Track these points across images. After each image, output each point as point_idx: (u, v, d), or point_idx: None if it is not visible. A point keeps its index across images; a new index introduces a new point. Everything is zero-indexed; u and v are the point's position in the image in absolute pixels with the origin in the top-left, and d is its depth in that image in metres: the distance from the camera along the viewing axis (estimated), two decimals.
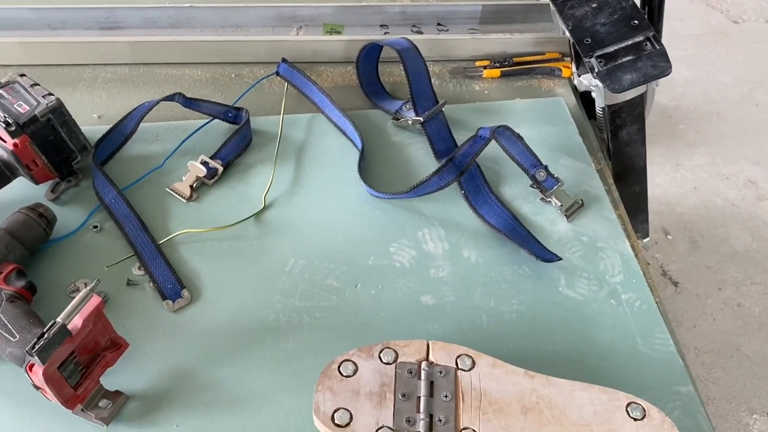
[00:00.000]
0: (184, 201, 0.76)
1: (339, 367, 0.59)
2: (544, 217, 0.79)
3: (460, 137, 0.84)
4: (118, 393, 0.60)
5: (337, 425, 0.55)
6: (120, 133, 0.81)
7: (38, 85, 0.74)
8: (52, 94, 0.73)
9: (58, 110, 0.72)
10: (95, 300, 0.56)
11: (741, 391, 1.38)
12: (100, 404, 0.59)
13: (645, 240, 1.10)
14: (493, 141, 0.78)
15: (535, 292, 0.72)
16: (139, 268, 0.70)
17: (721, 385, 1.38)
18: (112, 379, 0.61)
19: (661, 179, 1.81)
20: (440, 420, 0.56)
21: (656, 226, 1.67)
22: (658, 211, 1.70)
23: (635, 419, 0.57)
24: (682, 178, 1.81)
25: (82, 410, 0.58)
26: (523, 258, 0.74)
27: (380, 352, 0.60)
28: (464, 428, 0.56)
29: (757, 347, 1.46)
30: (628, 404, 0.58)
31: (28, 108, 0.71)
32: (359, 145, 0.82)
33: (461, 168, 0.77)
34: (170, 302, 0.67)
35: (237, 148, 0.81)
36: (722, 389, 1.38)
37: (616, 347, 0.67)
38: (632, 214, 0.97)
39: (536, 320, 0.69)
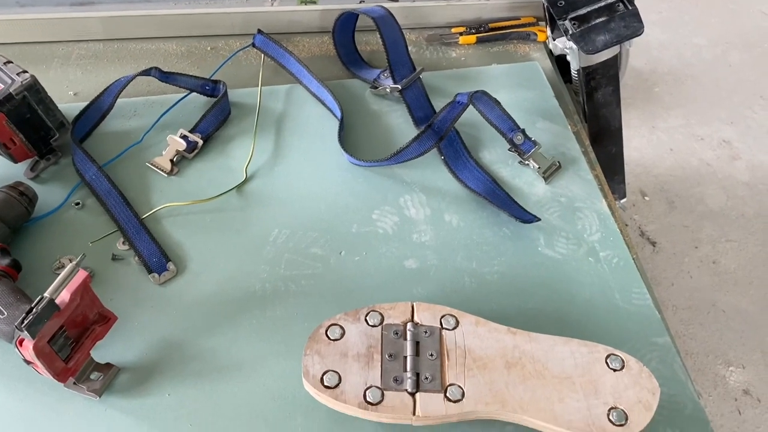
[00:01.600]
0: (165, 175, 0.77)
1: (326, 331, 0.60)
2: (523, 180, 0.80)
3: (438, 104, 0.85)
4: (108, 365, 0.61)
5: (327, 387, 0.56)
6: (97, 110, 0.80)
7: (12, 62, 0.73)
8: (27, 72, 0.72)
9: (34, 87, 0.72)
10: (82, 274, 0.56)
11: (717, 345, 1.42)
12: (92, 377, 0.59)
13: (622, 201, 1.12)
14: (471, 106, 0.79)
15: (516, 252, 0.73)
16: (123, 243, 0.70)
17: (699, 340, 1.42)
18: (102, 352, 0.62)
19: (638, 142, 1.83)
20: (427, 378, 0.58)
21: (633, 188, 1.69)
22: (635, 173, 1.73)
23: (614, 370, 0.59)
24: (658, 140, 1.84)
25: (74, 383, 0.59)
26: (503, 220, 0.76)
27: (366, 316, 0.62)
28: (450, 384, 0.57)
29: (733, 302, 1.50)
30: (608, 356, 0.60)
31: (2, 86, 0.70)
32: (338, 114, 0.83)
33: (440, 134, 0.77)
34: (156, 275, 0.68)
35: (216, 121, 0.81)
36: (699, 344, 1.42)
37: (595, 303, 0.69)
38: (609, 175, 0.98)
39: (517, 280, 0.71)
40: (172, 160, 0.77)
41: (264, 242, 0.72)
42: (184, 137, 0.78)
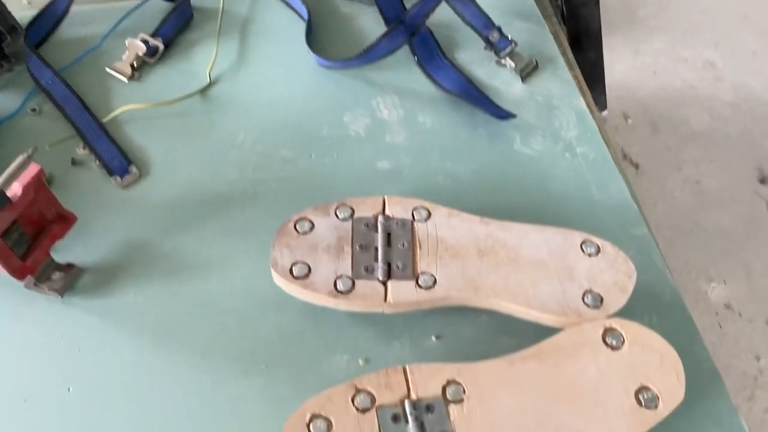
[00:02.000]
0: (126, 80, 0.73)
1: (295, 225, 0.58)
2: (499, 80, 0.78)
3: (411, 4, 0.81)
4: (70, 265, 0.59)
5: (296, 277, 0.55)
6: (51, 15, 0.76)
7: None
8: None
9: None
10: (34, 167, 0.54)
11: (700, 263, 1.43)
12: (53, 277, 0.57)
13: (603, 113, 1.10)
14: (445, 4, 0.76)
15: (491, 151, 0.71)
16: (83, 148, 0.67)
17: (682, 258, 1.43)
18: (63, 254, 0.60)
19: (622, 66, 1.80)
20: (398, 267, 0.56)
21: (616, 111, 1.67)
22: (619, 96, 1.70)
23: (590, 255, 0.58)
24: (642, 64, 1.81)
25: (34, 284, 0.57)
26: (478, 120, 0.73)
27: (336, 210, 0.60)
28: (422, 272, 0.56)
29: (715, 221, 1.50)
30: (583, 242, 0.59)
31: None
32: (305, 16, 0.79)
33: (412, 29, 0.74)
34: (118, 178, 0.65)
35: (177, 25, 0.78)
36: (682, 262, 1.42)
37: (572, 198, 0.68)
38: (589, 84, 0.96)
39: (492, 178, 0.69)
40: (132, 65, 0.74)
41: (230, 146, 0.69)
42: (144, 41, 0.75)
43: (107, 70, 0.74)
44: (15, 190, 0.52)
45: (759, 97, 1.74)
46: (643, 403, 0.50)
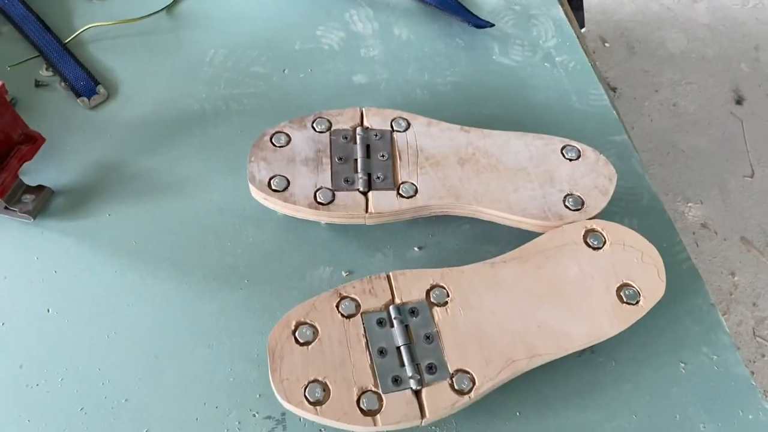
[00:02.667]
0: None
1: (271, 138, 0.57)
2: None
3: None
4: (41, 187, 0.57)
5: (275, 190, 0.54)
6: None
7: None
8: None
9: None
10: None
11: (677, 183, 1.44)
12: (24, 199, 0.56)
13: (582, 30, 1.08)
14: None
15: (469, 62, 0.70)
16: (47, 69, 0.65)
17: (659, 179, 1.44)
18: (34, 177, 0.58)
19: None
20: (378, 177, 0.55)
21: (593, 35, 1.65)
22: (596, 20, 1.68)
23: (570, 159, 0.57)
24: None
25: (5, 208, 0.55)
26: (455, 31, 0.72)
27: (313, 122, 0.58)
28: (403, 182, 0.55)
29: (692, 142, 1.50)
30: (563, 147, 0.58)
31: None
32: None
33: None
34: (86, 99, 0.63)
35: None
36: (660, 183, 1.43)
37: (552, 106, 0.67)
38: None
39: (471, 89, 0.68)
40: None
41: (200, 63, 0.67)
42: None
43: None
44: None
45: (735, 18, 1.73)
46: (624, 300, 0.50)
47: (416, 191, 0.55)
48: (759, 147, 1.50)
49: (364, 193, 0.55)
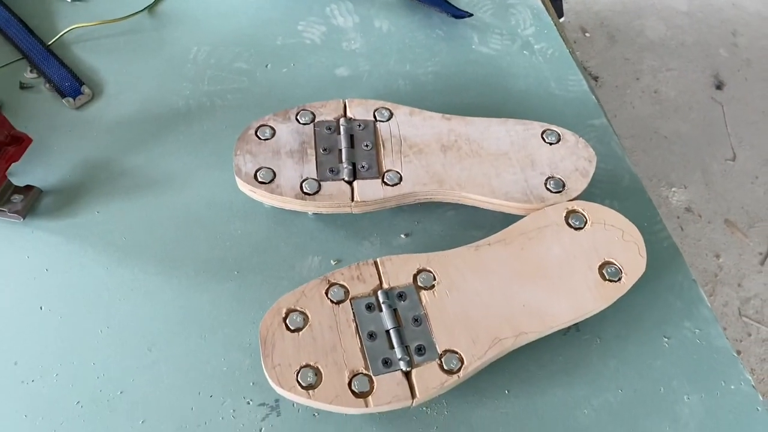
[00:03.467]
0: (69, 0, 0.71)
1: (256, 131, 0.58)
2: None
3: None
4: (30, 187, 0.57)
5: (261, 182, 0.55)
6: None
7: None
8: None
9: None
10: None
11: (660, 169, 1.46)
12: (13, 199, 0.56)
13: (561, 20, 1.09)
14: None
15: (450, 52, 0.71)
16: (31, 71, 0.65)
17: (642, 165, 1.46)
18: (22, 178, 0.59)
19: None
20: (363, 167, 0.56)
21: (574, 25, 1.67)
22: (576, 11, 1.69)
23: (551, 143, 0.59)
24: None
25: None
26: (435, 22, 0.73)
27: (297, 115, 0.59)
28: (387, 171, 0.56)
29: (674, 128, 1.52)
30: (543, 131, 0.59)
31: None
32: None
33: None
34: (71, 99, 0.63)
35: None
36: (643, 169, 1.45)
37: (532, 93, 0.68)
38: None
39: (452, 78, 0.69)
40: None
41: (183, 61, 0.68)
42: None
43: None
44: None
45: (712, 5, 1.75)
46: (607, 277, 0.51)
47: (401, 179, 0.56)
48: (740, 131, 1.52)
49: (350, 183, 0.56)
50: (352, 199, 0.55)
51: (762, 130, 1.53)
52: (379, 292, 0.50)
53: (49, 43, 0.67)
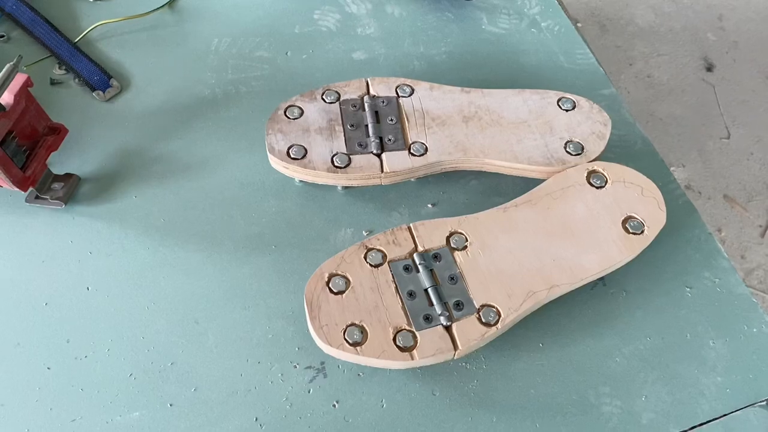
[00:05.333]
0: (91, 0, 0.73)
1: (285, 112, 0.60)
2: None
3: None
4: (69, 175, 0.59)
5: (294, 159, 0.57)
6: None
7: None
8: None
9: None
10: (21, 76, 0.54)
11: (658, 150, 1.48)
12: (53, 186, 0.58)
13: None
14: None
15: (461, 33, 0.73)
16: (60, 68, 0.67)
17: None
18: (60, 167, 0.61)
19: None
20: (390, 140, 0.59)
21: None
22: (567, 3, 1.73)
23: (566, 110, 0.61)
24: None
25: (36, 197, 0.58)
26: (444, 6, 0.75)
27: (322, 95, 0.62)
28: (413, 142, 0.59)
29: (669, 110, 1.56)
30: (559, 99, 0.62)
31: None
32: None
33: None
34: (101, 92, 0.65)
35: None
36: None
37: (542, 68, 0.71)
38: None
39: (465, 57, 0.71)
40: None
41: (206, 52, 0.70)
42: None
43: None
44: (6, 98, 0.53)
45: None
46: (630, 230, 0.54)
47: (426, 149, 0.58)
48: (732, 110, 1.56)
49: (378, 155, 0.58)
50: (382, 171, 0.57)
51: (753, 108, 1.57)
52: (415, 255, 0.52)
53: (76, 40, 0.69)
